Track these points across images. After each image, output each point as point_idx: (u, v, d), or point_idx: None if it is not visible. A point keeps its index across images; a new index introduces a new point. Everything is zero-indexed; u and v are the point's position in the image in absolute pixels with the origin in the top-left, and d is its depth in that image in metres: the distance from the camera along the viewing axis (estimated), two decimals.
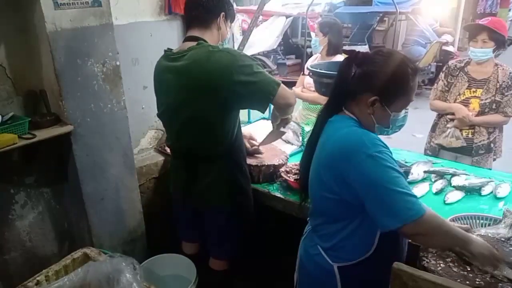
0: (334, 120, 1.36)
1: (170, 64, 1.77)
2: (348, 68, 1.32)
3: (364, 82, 1.29)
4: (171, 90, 1.78)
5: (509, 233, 1.50)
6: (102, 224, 2.10)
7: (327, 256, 1.38)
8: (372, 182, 1.18)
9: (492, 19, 2.50)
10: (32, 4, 1.68)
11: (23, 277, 1.60)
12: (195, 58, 1.69)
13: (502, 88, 2.46)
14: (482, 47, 2.45)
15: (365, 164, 1.19)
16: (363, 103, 1.30)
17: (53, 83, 1.79)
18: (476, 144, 2.58)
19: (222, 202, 1.90)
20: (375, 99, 1.27)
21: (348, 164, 1.22)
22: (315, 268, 1.42)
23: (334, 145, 1.29)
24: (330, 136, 1.34)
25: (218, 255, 2.08)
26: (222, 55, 1.67)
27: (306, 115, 3.11)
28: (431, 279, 1.11)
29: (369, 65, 1.29)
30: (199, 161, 1.87)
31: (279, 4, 8.68)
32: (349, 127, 1.29)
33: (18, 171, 1.96)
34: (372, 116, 1.30)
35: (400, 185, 1.16)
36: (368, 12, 7.68)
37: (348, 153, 1.23)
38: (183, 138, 1.86)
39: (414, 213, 1.14)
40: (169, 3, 2.40)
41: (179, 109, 1.78)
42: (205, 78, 1.66)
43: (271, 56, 8.59)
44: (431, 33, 7.50)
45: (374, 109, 1.29)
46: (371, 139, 1.23)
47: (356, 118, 1.33)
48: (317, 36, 2.91)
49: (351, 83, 1.32)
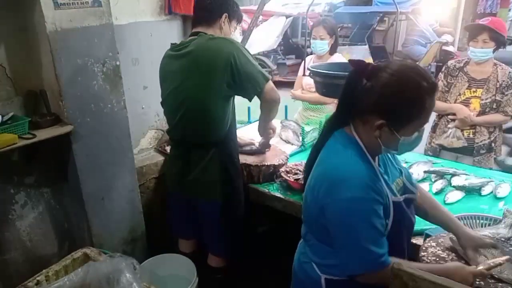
0: (337, 136, 1.27)
1: (173, 53, 1.92)
2: (356, 81, 1.19)
3: (371, 103, 1.15)
4: (173, 74, 1.91)
5: (509, 233, 1.50)
6: (102, 224, 2.10)
7: (316, 266, 1.35)
8: (339, 226, 1.20)
9: (493, 19, 2.50)
10: (32, 4, 1.68)
11: (23, 277, 1.61)
12: (197, 44, 1.83)
13: (502, 88, 2.46)
14: (482, 47, 2.44)
15: (340, 205, 1.17)
16: (369, 125, 1.18)
17: (53, 83, 1.79)
18: (477, 144, 2.58)
19: (212, 192, 1.95)
20: (381, 123, 1.14)
21: (327, 198, 1.20)
22: (304, 276, 1.41)
23: (323, 173, 1.25)
24: (324, 158, 1.28)
25: (215, 251, 2.12)
26: (222, 41, 1.83)
27: (307, 115, 3.11)
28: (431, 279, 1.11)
29: (377, 83, 1.14)
30: (193, 148, 1.94)
31: (279, 4, 8.68)
32: (344, 158, 1.21)
33: (18, 171, 1.96)
34: (379, 139, 1.19)
35: (370, 240, 1.16)
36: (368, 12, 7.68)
37: (331, 187, 1.20)
38: (179, 124, 1.94)
39: (371, 267, 1.17)
40: (169, 3, 2.40)
41: (178, 92, 1.89)
42: (204, 59, 1.80)
43: (271, 56, 8.58)
44: (431, 33, 7.50)
45: (381, 132, 1.17)
46: (358, 179, 1.16)
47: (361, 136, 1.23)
48: (324, 38, 2.90)
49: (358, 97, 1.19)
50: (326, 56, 2.97)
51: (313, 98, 2.97)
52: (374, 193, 1.16)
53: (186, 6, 2.38)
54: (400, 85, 1.11)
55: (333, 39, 2.93)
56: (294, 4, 8.59)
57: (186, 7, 2.38)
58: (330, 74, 1.96)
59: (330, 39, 2.91)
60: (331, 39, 2.92)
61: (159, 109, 2.54)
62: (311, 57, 3.16)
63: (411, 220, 1.35)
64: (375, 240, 1.17)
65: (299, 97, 3.14)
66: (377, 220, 1.17)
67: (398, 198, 1.26)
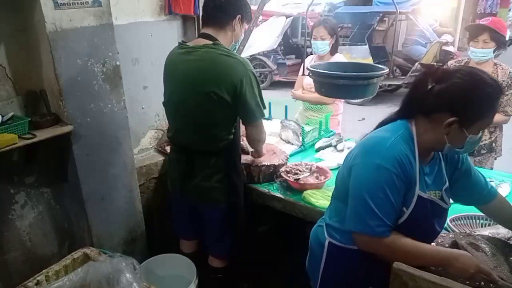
0: (398, 123, 1.34)
1: (183, 57, 1.83)
2: (425, 82, 1.27)
3: (444, 102, 1.23)
4: (179, 83, 1.85)
5: (509, 233, 1.50)
6: (102, 224, 2.10)
7: (325, 229, 1.47)
8: (358, 184, 1.28)
9: (493, 19, 2.50)
10: (32, 4, 1.68)
11: (23, 277, 1.61)
12: (209, 58, 1.76)
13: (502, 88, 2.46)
14: (483, 48, 2.44)
15: (366, 167, 1.26)
16: (438, 122, 1.24)
17: (53, 83, 1.79)
18: (479, 144, 2.58)
19: (216, 199, 1.94)
20: (454, 120, 1.21)
21: (357, 159, 1.31)
22: (313, 238, 1.55)
23: (364, 141, 1.35)
24: (373, 132, 1.38)
25: (216, 252, 2.11)
26: (236, 62, 1.76)
27: (308, 115, 3.10)
28: (431, 279, 1.11)
29: (451, 84, 1.22)
30: (196, 154, 1.92)
31: (279, 4, 8.67)
32: (390, 134, 1.28)
33: (18, 171, 1.96)
34: (446, 136, 1.24)
35: (378, 205, 1.22)
36: (368, 12, 7.69)
37: (365, 151, 1.30)
38: (183, 133, 1.92)
39: (369, 230, 1.23)
40: (169, 3, 2.40)
41: (183, 104, 1.85)
42: (214, 72, 1.75)
43: (271, 56, 8.58)
44: (431, 33, 7.50)
45: (450, 130, 1.23)
46: (392, 153, 1.24)
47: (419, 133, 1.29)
48: (325, 38, 2.90)
49: (426, 99, 1.26)
50: (327, 56, 2.96)
51: (314, 98, 2.97)
52: (401, 171, 1.23)
53: (186, 6, 2.38)
54: (473, 85, 1.21)
55: (333, 39, 2.93)
56: (294, 4, 8.58)
57: (186, 7, 2.38)
58: (329, 74, 1.96)
59: (331, 39, 2.91)
60: (332, 39, 2.92)
61: (159, 109, 2.54)
62: (312, 57, 3.15)
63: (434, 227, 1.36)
64: (384, 209, 1.22)
65: (299, 97, 3.14)
66: (394, 194, 1.23)
67: (425, 194, 1.30)
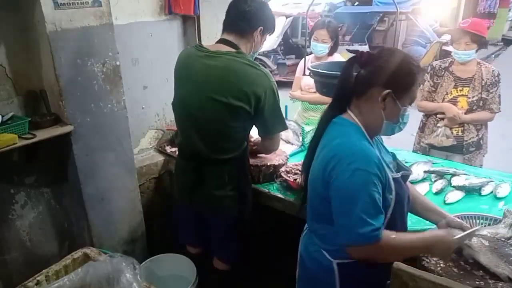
0: (337, 122, 1.37)
1: (203, 61, 1.75)
2: (352, 67, 1.35)
3: (374, 78, 1.30)
4: (194, 88, 1.77)
5: (509, 233, 1.50)
6: (102, 224, 2.10)
7: (326, 253, 1.39)
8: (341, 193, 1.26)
9: (472, 21, 2.60)
10: (32, 4, 1.68)
11: (23, 277, 1.61)
12: (233, 67, 1.71)
13: (487, 86, 2.56)
14: (465, 49, 2.54)
15: (345, 175, 1.24)
16: (373, 99, 1.31)
17: (53, 83, 1.79)
18: (467, 142, 2.66)
19: (228, 208, 1.91)
20: (388, 93, 1.28)
21: (334, 171, 1.27)
22: (314, 265, 1.44)
23: (329, 152, 1.32)
24: (328, 142, 1.35)
25: (223, 256, 2.09)
26: (260, 74, 1.73)
27: (307, 116, 3.09)
28: (431, 279, 1.11)
29: (377, 61, 1.31)
30: (206, 163, 1.86)
31: (279, 4, 8.68)
32: (348, 136, 1.31)
33: (18, 171, 1.97)
34: (383, 111, 1.31)
35: (365, 210, 1.21)
36: (368, 12, 7.71)
37: (337, 160, 1.27)
38: (194, 140, 1.84)
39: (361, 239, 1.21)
40: (169, 3, 2.40)
41: (197, 111, 1.78)
42: (237, 89, 1.70)
43: (271, 56, 8.58)
44: (431, 33, 7.51)
45: (385, 104, 1.30)
46: (363, 154, 1.26)
47: (361, 118, 1.34)
48: (326, 42, 2.90)
49: (356, 83, 1.34)
50: (325, 57, 2.96)
51: (313, 99, 2.96)
52: (376, 169, 1.24)
53: (186, 6, 2.38)
54: (399, 59, 1.31)
55: (333, 42, 2.93)
56: (294, 4, 8.60)
57: (186, 7, 2.38)
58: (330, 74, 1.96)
59: (331, 42, 2.91)
60: (332, 42, 2.92)
61: (159, 109, 2.55)
62: (309, 57, 3.15)
63: (409, 195, 1.45)
64: (371, 213, 1.22)
65: (299, 98, 3.13)
66: (376, 194, 1.23)
67: (396, 174, 1.35)
